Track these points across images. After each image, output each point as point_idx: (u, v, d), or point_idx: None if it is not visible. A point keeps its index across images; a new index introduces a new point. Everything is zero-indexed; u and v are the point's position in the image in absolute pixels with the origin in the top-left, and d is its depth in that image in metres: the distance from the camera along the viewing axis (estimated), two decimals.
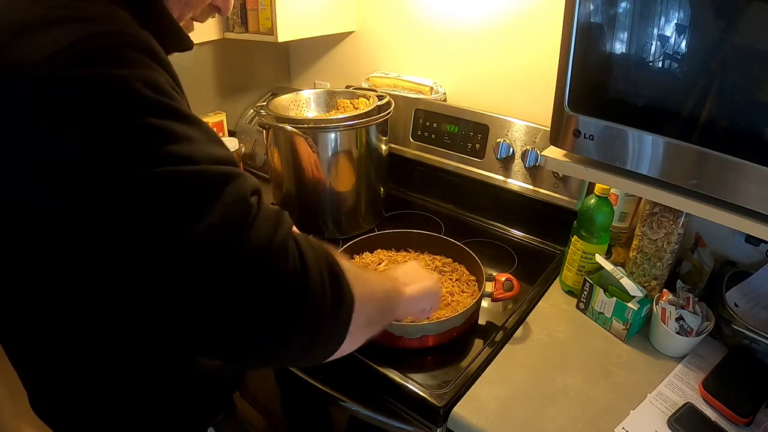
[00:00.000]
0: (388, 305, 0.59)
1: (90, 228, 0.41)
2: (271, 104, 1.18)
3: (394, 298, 0.61)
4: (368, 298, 0.51)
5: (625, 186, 0.77)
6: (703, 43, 0.65)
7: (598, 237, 0.97)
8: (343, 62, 1.55)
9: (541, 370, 0.85)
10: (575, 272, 1.00)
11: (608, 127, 0.73)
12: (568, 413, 0.77)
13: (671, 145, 0.68)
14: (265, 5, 1.24)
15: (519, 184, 1.18)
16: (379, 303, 0.55)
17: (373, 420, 0.86)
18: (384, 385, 0.83)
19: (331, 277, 0.44)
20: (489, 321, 0.95)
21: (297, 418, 1.22)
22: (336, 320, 0.45)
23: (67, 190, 0.41)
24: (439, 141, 1.29)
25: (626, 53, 0.70)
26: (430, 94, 1.31)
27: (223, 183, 0.41)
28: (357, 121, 1.09)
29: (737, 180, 0.64)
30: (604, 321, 0.93)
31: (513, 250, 1.17)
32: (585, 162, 0.80)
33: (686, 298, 0.89)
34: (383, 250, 1.08)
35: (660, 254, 0.93)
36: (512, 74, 1.22)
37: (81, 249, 0.45)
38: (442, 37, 1.30)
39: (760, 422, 0.75)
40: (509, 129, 1.17)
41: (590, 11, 0.69)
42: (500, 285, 0.94)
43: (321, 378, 0.92)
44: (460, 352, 0.87)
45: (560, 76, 0.75)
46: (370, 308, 0.52)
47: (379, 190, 1.27)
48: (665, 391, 0.81)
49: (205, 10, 0.65)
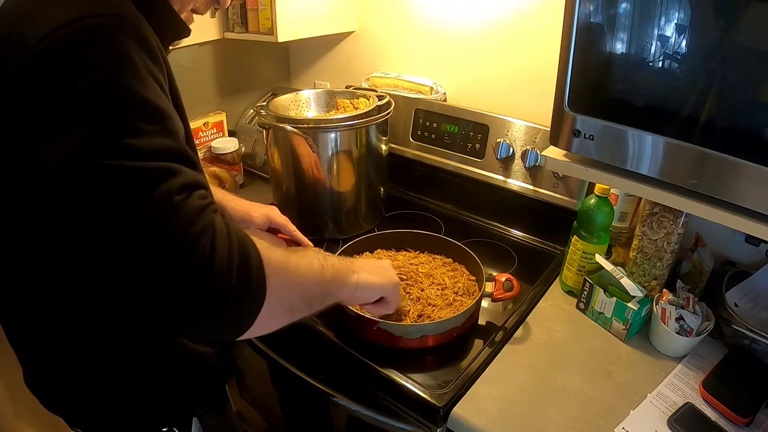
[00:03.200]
0: (320, 292, 0.63)
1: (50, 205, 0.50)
2: (271, 104, 1.18)
3: (330, 283, 0.65)
4: (288, 289, 0.56)
5: (625, 186, 0.77)
6: (703, 43, 0.65)
7: (598, 237, 0.97)
8: (343, 62, 1.55)
9: (541, 370, 0.85)
10: (575, 272, 1.00)
11: (608, 127, 0.73)
12: (568, 413, 0.77)
13: (671, 145, 0.68)
14: (265, 5, 1.24)
15: (519, 184, 1.18)
16: (305, 291, 0.60)
17: (373, 420, 0.86)
18: (384, 385, 0.83)
19: (240, 269, 0.49)
20: (489, 321, 0.95)
21: (296, 418, 1.22)
22: (238, 308, 0.50)
23: (40, 165, 0.48)
24: (439, 141, 1.29)
25: (626, 53, 0.70)
26: (430, 94, 1.31)
27: (157, 180, 0.47)
28: (357, 121, 1.09)
29: (737, 180, 0.64)
30: (604, 321, 0.93)
31: (513, 250, 1.17)
32: (585, 162, 0.80)
33: (686, 298, 0.89)
34: (383, 250, 1.08)
35: (660, 254, 0.93)
36: (512, 74, 1.22)
37: (50, 223, 0.53)
38: (442, 37, 1.30)
39: (760, 422, 0.75)
40: (509, 129, 1.17)
41: (590, 11, 0.69)
42: (500, 285, 0.94)
43: (321, 378, 0.92)
44: (460, 352, 0.87)
45: (560, 76, 0.75)
46: (293, 296, 0.57)
47: (379, 190, 1.27)
48: (665, 391, 0.81)
49: (205, 1, 0.67)
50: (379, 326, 0.84)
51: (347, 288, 0.69)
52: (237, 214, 0.95)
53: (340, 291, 0.68)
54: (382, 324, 0.84)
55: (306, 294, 0.60)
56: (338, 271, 0.67)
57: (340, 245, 1.08)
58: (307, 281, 0.60)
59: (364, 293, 0.73)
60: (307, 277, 0.60)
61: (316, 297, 0.62)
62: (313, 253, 0.64)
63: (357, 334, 0.88)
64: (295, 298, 0.58)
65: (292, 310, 0.58)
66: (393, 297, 0.79)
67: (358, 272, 0.71)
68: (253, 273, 0.51)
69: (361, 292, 0.72)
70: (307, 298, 0.60)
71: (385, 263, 0.80)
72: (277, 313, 0.55)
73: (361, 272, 0.72)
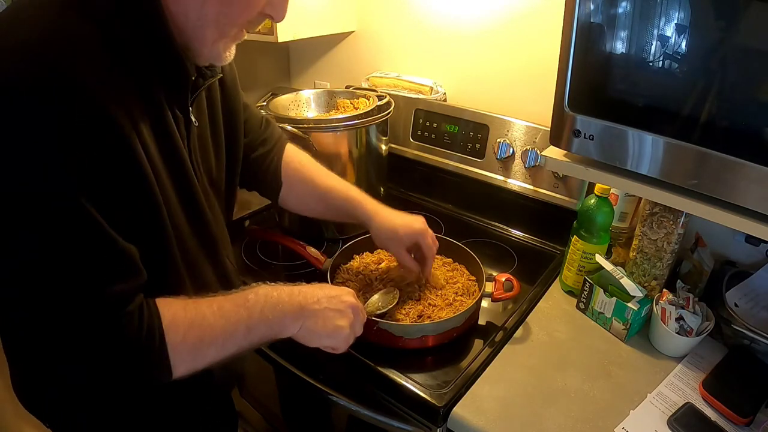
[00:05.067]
0: (243, 347, 0.64)
1: None
2: (271, 104, 1.18)
3: (258, 341, 0.65)
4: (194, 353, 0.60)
5: (625, 186, 0.77)
6: (703, 43, 0.65)
7: (598, 237, 0.97)
8: (343, 62, 1.55)
9: (541, 370, 0.85)
10: (575, 272, 1.00)
11: (608, 127, 0.73)
12: (568, 413, 0.77)
13: (671, 145, 0.68)
14: None
15: (519, 184, 1.18)
16: (219, 351, 0.62)
17: (373, 420, 0.86)
18: (384, 385, 0.83)
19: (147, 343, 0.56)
20: (489, 321, 0.95)
21: (297, 418, 1.22)
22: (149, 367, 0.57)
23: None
24: (439, 141, 1.29)
25: (626, 53, 0.70)
26: (430, 94, 1.31)
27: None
28: (357, 121, 1.09)
29: (737, 180, 0.64)
30: (604, 321, 0.93)
31: (513, 250, 1.17)
32: (585, 162, 0.80)
33: (686, 298, 0.89)
34: (383, 250, 1.08)
35: (660, 254, 0.93)
36: (512, 74, 1.22)
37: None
38: (442, 37, 1.30)
39: (760, 422, 0.75)
40: (509, 129, 1.17)
41: (590, 11, 0.69)
42: (500, 285, 0.94)
43: (321, 378, 0.92)
44: (460, 352, 0.87)
45: (560, 76, 0.75)
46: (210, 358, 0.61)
47: (379, 190, 1.27)
48: (665, 391, 0.81)
49: (253, 20, 0.60)
50: (379, 326, 0.84)
51: (283, 336, 0.68)
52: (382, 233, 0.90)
53: (272, 339, 0.67)
54: (382, 324, 0.84)
55: (220, 353, 0.62)
56: (273, 325, 0.66)
57: (340, 245, 1.08)
58: (222, 346, 0.62)
59: (306, 341, 0.69)
60: (224, 345, 0.62)
61: (240, 349, 0.64)
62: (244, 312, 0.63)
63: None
64: (203, 358, 0.61)
65: (207, 361, 0.61)
66: (340, 343, 0.71)
67: (303, 319, 0.68)
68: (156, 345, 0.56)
69: (303, 339, 0.69)
70: (224, 353, 0.62)
71: (344, 303, 0.72)
72: (191, 365, 0.60)
73: (307, 320, 0.68)
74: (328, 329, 0.69)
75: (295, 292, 0.68)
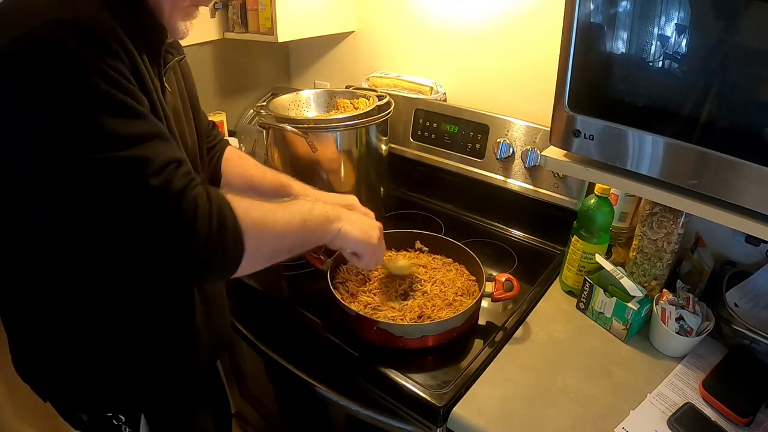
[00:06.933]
0: (301, 241, 0.71)
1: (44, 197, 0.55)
2: (271, 104, 1.18)
3: (312, 234, 0.73)
4: (264, 241, 0.64)
5: (625, 186, 0.77)
6: (703, 43, 0.65)
7: (598, 237, 0.97)
8: (343, 62, 1.55)
9: (541, 370, 0.85)
10: (575, 272, 1.00)
11: (608, 127, 0.73)
12: (568, 413, 0.77)
13: (671, 145, 0.68)
14: (265, 5, 1.24)
15: (519, 184, 1.18)
16: (283, 242, 0.68)
17: (373, 420, 0.86)
18: (384, 385, 0.83)
19: (219, 225, 0.58)
20: (489, 321, 0.95)
21: (296, 418, 1.22)
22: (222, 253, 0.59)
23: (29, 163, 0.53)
24: (439, 141, 1.29)
25: (626, 53, 0.70)
26: (430, 94, 1.31)
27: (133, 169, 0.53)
28: (357, 121, 1.09)
29: (737, 180, 0.64)
30: (604, 321, 0.93)
31: (513, 250, 1.17)
32: (585, 162, 0.80)
33: (686, 298, 0.89)
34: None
35: (660, 254, 0.93)
36: (512, 74, 1.22)
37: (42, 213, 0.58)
38: (442, 37, 1.30)
39: (760, 422, 0.75)
40: (509, 129, 1.17)
41: (590, 11, 0.69)
42: (500, 285, 0.94)
43: (321, 378, 0.92)
44: (460, 352, 0.87)
45: (560, 76, 0.75)
46: (269, 247, 0.66)
47: (379, 190, 1.27)
48: (665, 391, 0.81)
49: None
50: (379, 326, 0.84)
51: (329, 235, 0.76)
52: None
53: (321, 239, 0.76)
54: (382, 324, 0.84)
55: (284, 245, 0.68)
56: (322, 221, 0.74)
57: None
58: (285, 234, 0.67)
59: (342, 242, 0.78)
60: (285, 231, 0.67)
61: (297, 245, 0.71)
62: (297, 206, 0.71)
63: (357, 334, 0.88)
64: (271, 248, 0.66)
65: (271, 257, 0.66)
66: (367, 255, 0.82)
67: (342, 222, 0.77)
68: (227, 225, 0.59)
69: (339, 241, 0.78)
70: (286, 247, 0.69)
71: (374, 224, 0.84)
72: (256, 259, 0.64)
73: (345, 222, 0.78)
74: (363, 234, 0.79)
75: (335, 205, 0.81)
